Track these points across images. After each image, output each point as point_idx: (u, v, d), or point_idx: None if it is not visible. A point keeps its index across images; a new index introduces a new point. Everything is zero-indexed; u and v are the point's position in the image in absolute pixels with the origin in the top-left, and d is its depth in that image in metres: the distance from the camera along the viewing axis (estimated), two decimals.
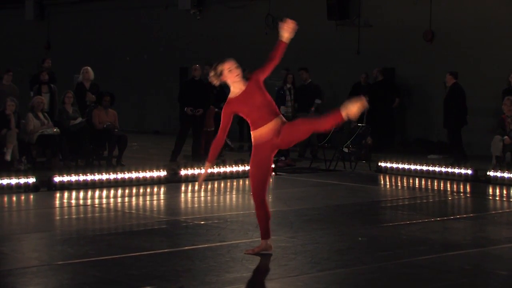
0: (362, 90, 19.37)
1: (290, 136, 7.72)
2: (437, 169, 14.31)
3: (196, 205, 11.87)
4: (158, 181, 13.28)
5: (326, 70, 20.13)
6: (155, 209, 11.53)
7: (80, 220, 10.47)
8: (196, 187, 12.99)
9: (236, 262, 7.74)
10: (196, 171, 13.70)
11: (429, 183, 13.81)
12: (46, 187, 12.37)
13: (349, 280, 7.25)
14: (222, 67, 7.74)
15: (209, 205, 11.85)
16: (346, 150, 15.84)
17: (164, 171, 13.42)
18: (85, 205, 11.53)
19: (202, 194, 12.68)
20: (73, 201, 11.72)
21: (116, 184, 12.90)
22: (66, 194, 12.11)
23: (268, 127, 7.64)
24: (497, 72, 17.68)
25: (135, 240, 8.86)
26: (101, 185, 12.78)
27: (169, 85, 23.83)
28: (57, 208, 11.40)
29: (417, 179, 14.24)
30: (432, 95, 18.60)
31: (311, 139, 17.03)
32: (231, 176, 14.09)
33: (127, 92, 24.57)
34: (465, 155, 16.19)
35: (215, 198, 12.40)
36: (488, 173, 13.71)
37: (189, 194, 12.74)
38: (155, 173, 13.32)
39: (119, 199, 12.04)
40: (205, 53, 22.69)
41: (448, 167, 14.25)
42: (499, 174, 13.56)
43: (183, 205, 12.02)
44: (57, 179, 12.47)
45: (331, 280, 7.21)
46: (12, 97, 15.04)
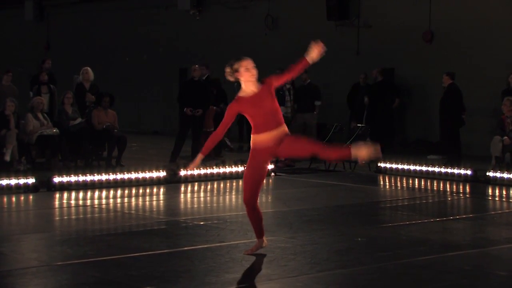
0: (361, 91, 19.42)
1: (290, 150, 7.72)
2: (436, 169, 14.31)
3: (196, 206, 11.86)
4: (157, 182, 13.28)
5: (326, 71, 20.11)
6: (155, 209, 11.53)
7: (80, 221, 10.47)
8: (195, 187, 13.01)
9: (235, 262, 7.74)
10: (196, 172, 13.72)
11: (428, 184, 13.80)
12: (45, 188, 12.37)
13: (349, 281, 7.24)
14: (239, 65, 7.70)
15: (209, 205, 11.85)
16: None
17: (163, 171, 13.42)
18: (85, 205, 11.53)
19: (202, 194, 12.69)
20: (73, 202, 11.71)
21: (115, 184, 12.90)
22: (65, 195, 12.11)
23: (270, 135, 7.61)
24: (496, 73, 17.68)
25: (135, 240, 8.86)
26: (100, 185, 12.78)
27: (169, 85, 23.83)
28: (57, 209, 11.40)
29: (416, 179, 14.24)
30: (432, 96, 18.58)
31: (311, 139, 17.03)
32: (231, 176, 14.09)
33: (127, 93, 24.57)
34: (459, 155, 16.21)
35: (215, 198, 12.40)
36: (487, 173, 13.71)
37: (189, 195, 12.73)
38: (155, 174, 13.32)
39: (119, 200, 12.03)
40: (205, 54, 22.71)
41: (447, 168, 14.25)
42: (498, 174, 13.56)
43: (182, 205, 12.02)
44: (57, 179, 12.47)
45: (330, 280, 7.21)
46: (11, 98, 15.04)
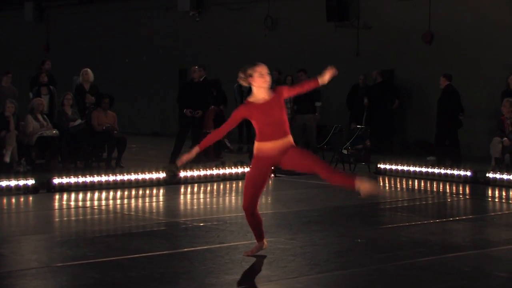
0: (361, 92, 19.42)
1: (294, 163, 7.68)
2: (436, 170, 14.31)
3: (195, 207, 11.87)
4: (157, 183, 13.27)
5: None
6: (154, 211, 11.53)
7: (79, 222, 10.47)
8: (195, 189, 13.01)
9: (235, 264, 7.74)
10: (195, 173, 13.72)
11: (428, 185, 13.81)
12: (45, 189, 12.36)
13: (348, 282, 7.25)
14: (253, 70, 7.62)
15: (208, 207, 11.85)
16: (345, 151, 15.84)
17: (163, 173, 13.42)
18: (84, 207, 11.53)
19: (201, 196, 12.69)
20: (72, 203, 11.71)
21: (115, 186, 12.90)
22: (65, 196, 12.11)
23: (275, 144, 7.58)
24: (496, 74, 17.68)
25: (134, 242, 8.86)
26: (100, 187, 12.78)
27: (168, 86, 23.83)
28: (56, 210, 11.40)
29: (416, 180, 14.23)
30: (431, 97, 18.56)
31: (310, 142, 17.05)
32: (230, 178, 14.09)
33: (126, 94, 24.56)
34: (459, 156, 16.24)
35: (214, 200, 12.40)
36: (487, 174, 13.70)
37: (188, 196, 12.74)
38: (154, 175, 13.31)
39: (118, 201, 12.03)
40: (205, 55, 22.71)
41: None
42: (498, 175, 13.56)
43: (182, 207, 12.02)
44: (56, 181, 12.47)
45: (330, 282, 7.21)
46: (11, 99, 15.05)
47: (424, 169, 14.45)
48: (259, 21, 22.15)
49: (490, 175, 13.65)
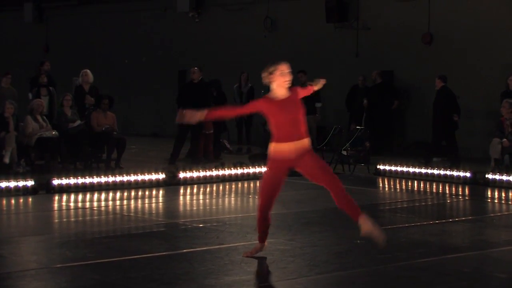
0: (360, 93, 19.42)
1: (308, 171, 7.59)
2: (435, 171, 14.31)
3: (195, 208, 11.87)
4: (156, 184, 13.27)
5: (325, 73, 20.10)
6: (154, 212, 11.53)
7: (79, 223, 10.47)
8: (194, 190, 13.01)
9: (235, 265, 7.74)
10: (195, 174, 13.72)
11: (427, 186, 13.81)
12: (44, 190, 12.36)
13: (348, 283, 7.25)
14: (275, 68, 7.57)
15: (208, 208, 11.85)
16: (345, 152, 15.84)
17: (162, 174, 13.42)
18: (84, 208, 11.53)
19: (201, 197, 12.69)
20: (72, 204, 11.71)
21: (114, 187, 12.90)
22: (64, 197, 12.11)
23: (292, 145, 7.49)
24: (495, 75, 17.69)
25: (134, 243, 8.86)
26: (99, 188, 12.78)
27: (168, 87, 23.82)
28: (56, 211, 11.40)
29: (415, 181, 14.23)
30: (431, 98, 18.54)
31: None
32: (230, 179, 14.09)
33: (126, 95, 24.56)
34: (458, 157, 16.26)
35: (214, 201, 12.40)
36: (486, 175, 13.70)
37: (188, 197, 12.73)
38: (154, 176, 13.31)
39: (118, 202, 12.04)
40: (204, 56, 22.70)
41: (446, 170, 14.27)
42: (497, 176, 13.56)
43: (181, 208, 12.02)
44: (56, 182, 12.46)
45: (329, 283, 7.21)
46: (11, 100, 15.05)
47: (423, 170, 14.46)
48: (259, 22, 22.15)
49: (490, 176, 13.65)
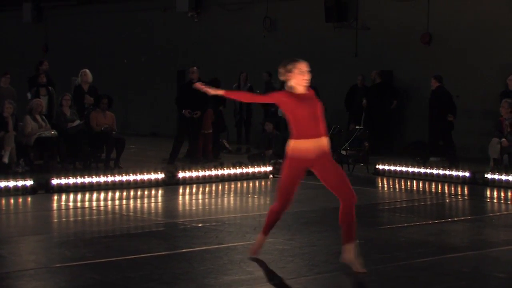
0: (359, 93, 19.42)
1: (324, 174, 7.52)
2: (434, 171, 14.31)
3: (194, 208, 11.87)
4: (156, 184, 13.27)
5: (324, 72, 20.12)
6: (153, 211, 11.53)
7: (78, 223, 10.47)
8: (194, 189, 13.02)
9: (234, 264, 7.74)
10: (194, 174, 13.72)
11: (426, 186, 13.81)
12: (43, 190, 12.35)
13: (347, 283, 7.25)
14: (293, 66, 7.43)
15: (207, 207, 11.85)
16: (344, 152, 15.84)
17: (162, 173, 13.42)
18: (83, 207, 11.52)
19: (200, 196, 12.69)
20: (71, 204, 11.71)
21: (113, 186, 12.89)
22: (63, 197, 12.11)
23: (311, 143, 7.33)
24: (494, 74, 17.70)
25: (133, 242, 8.86)
26: (98, 187, 12.78)
27: (167, 87, 23.82)
28: (55, 211, 11.40)
29: (415, 181, 14.23)
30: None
31: None
32: (229, 178, 14.09)
33: (125, 95, 24.56)
34: (455, 156, 16.30)
35: (213, 200, 12.40)
36: (485, 175, 13.70)
37: (187, 197, 12.73)
38: (153, 176, 13.31)
39: (117, 202, 12.03)
40: (203, 56, 22.70)
41: (445, 169, 14.27)
42: (496, 176, 13.56)
43: (181, 207, 12.02)
44: (55, 181, 12.46)
45: (328, 282, 7.21)
46: (10, 100, 15.04)
47: (422, 170, 14.46)
48: (258, 22, 22.15)
49: (489, 176, 13.65)
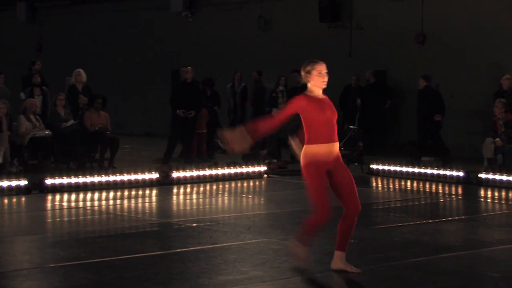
0: (353, 92, 19.42)
1: (338, 181, 7.29)
2: (429, 171, 14.32)
3: (188, 208, 11.86)
4: (150, 184, 13.25)
5: None
6: (147, 211, 11.52)
7: (72, 223, 10.46)
8: (188, 189, 13.02)
9: (228, 264, 7.74)
10: (188, 174, 13.71)
11: (421, 185, 13.82)
12: (37, 190, 12.34)
13: (341, 283, 7.25)
14: (312, 67, 7.42)
15: (201, 207, 11.84)
16: None
17: (156, 173, 13.41)
18: (77, 207, 11.51)
19: (194, 196, 12.68)
20: (65, 204, 11.69)
21: (108, 186, 12.88)
22: (57, 197, 12.09)
23: (325, 147, 7.23)
24: (488, 74, 17.72)
25: (127, 242, 8.85)
26: (93, 187, 12.76)
27: (161, 87, 23.80)
28: (49, 211, 11.38)
29: (409, 181, 14.24)
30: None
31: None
32: (223, 178, 14.08)
33: (119, 95, 24.52)
34: (449, 156, 16.34)
35: (207, 200, 12.40)
36: (479, 175, 13.72)
37: (181, 197, 12.73)
38: (147, 176, 13.30)
39: (111, 202, 12.02)
40: (197, 56, 22.69)
41: (440, 169, 14.28)
42: (490, 176, 13.57)
43: (175, 207, 12.01)
44: (49, 181, 12.44)
45: (323, 282, 7.21)
46: (3, 100, 15.02)
47: (416, 170, 14.47)
48: (252, 22, 22.15)
49: (483, 175, 13.67)
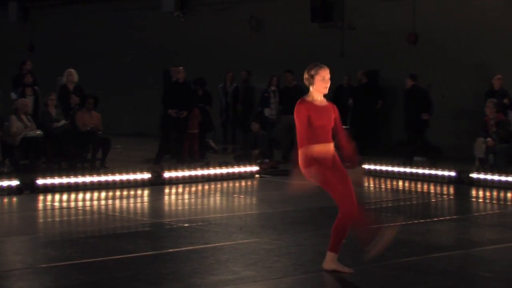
0: (345, 93, 19.44)
1: (337, 175, 7.49)
2: (420, 171, 14.34)
3: (180, 208, 11.86)
4: (141, 184, 13.24)
5: None
6: (139, 211, 11.51)
7: (64, 223, 10.44)
8: (180, 189, 13.01)
9: (220, 264, 7.74)
10: (180, 174, 13.70)
11: (412, 185, 13.85)
12: (29, 190, 12.31)
13: (333, 282, 7.26)
14: (316, 72, 7.40)
15: (193, 207, 11.84)
16: None
17: (148, 173, 13.40)
18: (69, 207, 11.50)
19: (186, 196, 12.68)
20: (57, 204, 11.68)
21: (99, 186, 12.86)
22: (49, 197, 12.07)
23: (328, 146, 7.42)
24: (479, 74, 17.76)
25: (119, 242, 8.84)
26: (84, 187, 12.74)
27: (153, 87, 23.77)
28: (40, 211, 11.36)
29: (400, 181, 14.27)
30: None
31: (295, 142, 17.02)
32: (215, 178, 14.08)
33: (111, 95, 24.47)
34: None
35: (199, 200, 12.39)
36: (471, 175, 13.75)
37: (173, 197, 12.72)
38: (139, 176, 13.28)
39: (103, 202, 12.01)
40: (189, 56, 22.67)
41: (431, 169, 14.30)
42: (482, 176, 13.60)
43: (167, 207, 12.01)
44: (40, 181, 12.41)
45: (315, 282, 7.22)
46: None
47: (408, 170, 14.49)
48: (244, 22, 22.15)
49: (474, 175, 13.70)
